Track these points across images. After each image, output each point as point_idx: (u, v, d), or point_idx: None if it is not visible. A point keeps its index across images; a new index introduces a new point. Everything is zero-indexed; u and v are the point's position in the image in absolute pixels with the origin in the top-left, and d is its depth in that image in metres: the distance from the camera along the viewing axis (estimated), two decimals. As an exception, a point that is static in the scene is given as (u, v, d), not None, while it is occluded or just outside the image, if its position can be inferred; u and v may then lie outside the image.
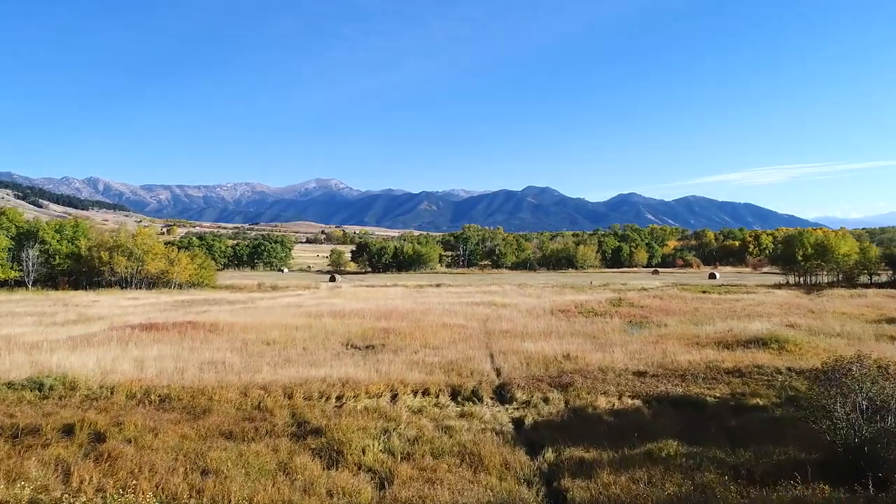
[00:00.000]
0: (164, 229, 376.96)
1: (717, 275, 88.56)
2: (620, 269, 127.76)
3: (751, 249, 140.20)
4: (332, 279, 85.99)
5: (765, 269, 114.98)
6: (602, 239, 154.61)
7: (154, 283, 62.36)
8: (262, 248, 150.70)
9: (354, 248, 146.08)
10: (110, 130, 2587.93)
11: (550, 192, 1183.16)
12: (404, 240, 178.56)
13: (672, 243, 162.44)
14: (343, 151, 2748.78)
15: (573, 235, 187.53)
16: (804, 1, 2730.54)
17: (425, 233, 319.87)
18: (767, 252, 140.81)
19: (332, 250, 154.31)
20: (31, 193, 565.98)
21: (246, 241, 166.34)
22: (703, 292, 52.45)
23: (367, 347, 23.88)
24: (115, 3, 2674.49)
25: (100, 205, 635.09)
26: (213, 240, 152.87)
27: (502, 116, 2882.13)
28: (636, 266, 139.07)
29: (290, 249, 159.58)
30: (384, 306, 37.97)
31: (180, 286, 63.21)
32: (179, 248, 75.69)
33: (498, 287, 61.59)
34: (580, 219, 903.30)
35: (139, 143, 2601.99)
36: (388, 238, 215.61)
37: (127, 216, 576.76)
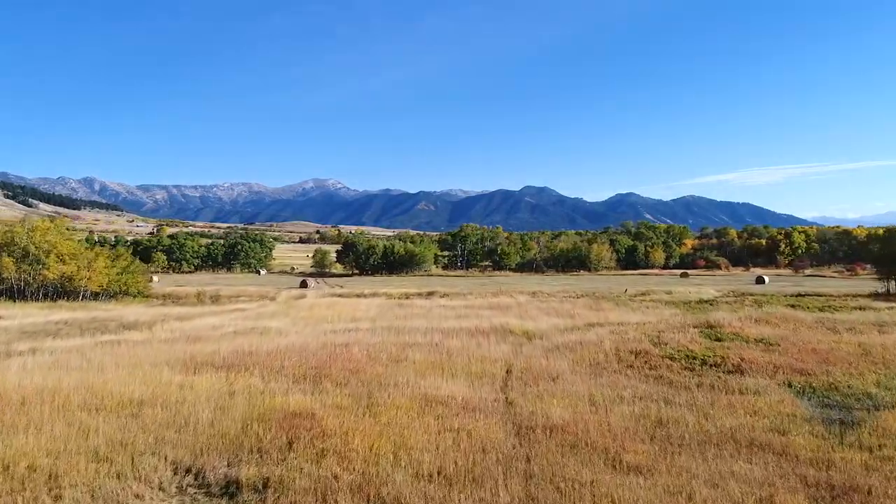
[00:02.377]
0: (155, 229, 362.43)
1: (766, 279, 74.14)
2: (640, 272, 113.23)
3: (782, 249, 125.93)
4: (303, 285, 71.37)
5: (808, 272, 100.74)
6: (614, 238, 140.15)
7: (60, 291, 47.64)
8: (240, 247, 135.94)
9: (340, 248, 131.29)
10: (107, 130, 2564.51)
11: (548, 191, 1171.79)
12: (399, 239, 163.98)
13: (690, 242, 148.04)
14: (341, 151, 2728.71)
15: (577, 234, 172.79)
16: (800, 2, 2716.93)
17: (422, 232, 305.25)
18: (800, 251, 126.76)
19: (315, 250, 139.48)
20: (22, 193, 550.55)
21: (222, 240, 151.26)
22: (792, 306, 38.04)
23: None
24: (112, 2, 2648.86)
25: (93, 204, 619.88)
26: (185, 239, 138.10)
27: (500, 116, 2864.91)
28: (653, 267, 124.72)
29: (270, 249, 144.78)
30: (335, 339, 23.43)
31: (95, 296, 48.53)
32: (112, 248, 61.19)
33: (508, 298, 47.04)
34: (578, 218, 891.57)
35: (136, 143, 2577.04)
36: (384, 238, 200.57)
37: (119, 216, 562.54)
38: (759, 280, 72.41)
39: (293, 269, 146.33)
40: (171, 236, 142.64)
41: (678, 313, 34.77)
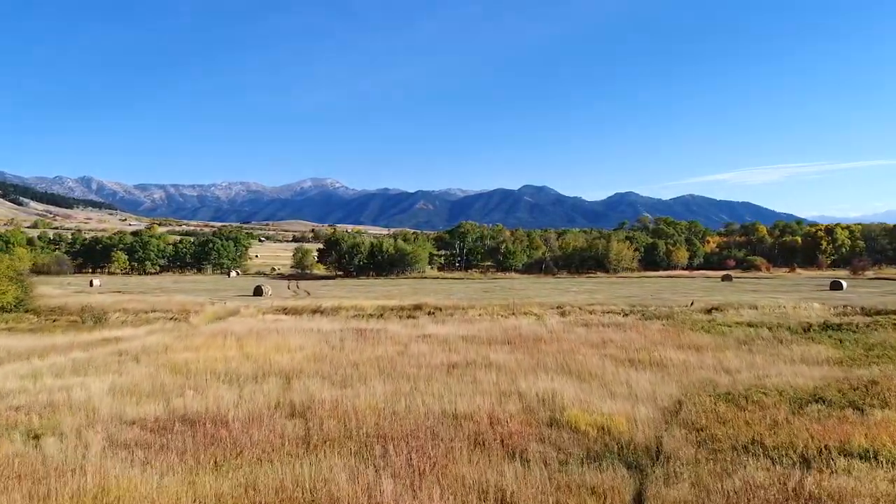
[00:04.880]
0: (145, 228, 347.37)
1: (843, 283, 59.12)
2: (667, 273, 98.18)
3: (824, 247, 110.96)
4: (257, 292, 56.19)
5: (868, 273, 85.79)
6: (631, 235, 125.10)
7: None
8: (211, 246, 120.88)
9: (322, 246, 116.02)
10: (105, 130, 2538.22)
11: (547, 190, 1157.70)
12: (392, 236, 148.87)
13: (714, 239, 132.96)
14: (339, 151, 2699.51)
15: (583, 232, 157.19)
16: (799, 1, 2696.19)
17: (418, 231, 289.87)
18: (844, 250, 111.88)
19: (296, 249, 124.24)
20: (14, 191, 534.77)
21: (192, 239, 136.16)
22: None
23: None
24: (111, 2, 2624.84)
25: (86, 203, 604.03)
26: (149, 237, 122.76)
27: (499, 115, 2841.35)
28: (675, 267, 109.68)
29: (245, 248, 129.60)
30: None
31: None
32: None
33: (530, 317, 31.98)
34: (578, 217, 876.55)
35: (134, 143, 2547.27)
36: (381, 237, 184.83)
37: (112, 214, 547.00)
38: (836, 285, 57.42)
39: (273, 269, 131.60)
40: (134, 233, 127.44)
41: (841, 357, 19.74)
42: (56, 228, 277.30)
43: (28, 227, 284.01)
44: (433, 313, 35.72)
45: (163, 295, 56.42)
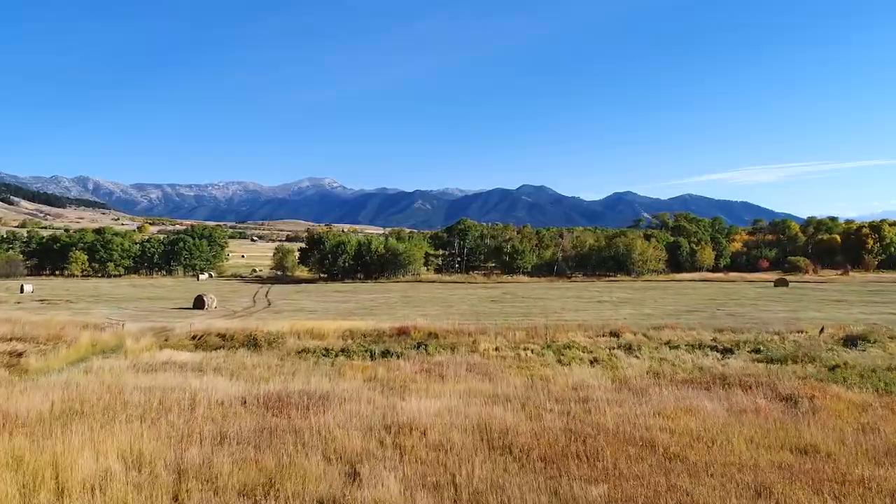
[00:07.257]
0: (136, 227, 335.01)
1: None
2: (699, 276, 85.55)
3: (870, 246, 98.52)
4: (198, 303, 43.35)
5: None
6: (650, 233, 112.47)
7: None
8: (182, 245, 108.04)
9: (304, 246, 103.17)
10: (103, 130, 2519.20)
11: (546, 190, 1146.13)
12: (386, 236, 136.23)
13: (741, 237, 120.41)
14: (337, 150, 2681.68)
15: (589, 231, 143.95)
16: (798, 1, 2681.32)
17: (415, 230, 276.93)
18: (893, 249, 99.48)
19: (276, 249, 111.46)
20: (6, 190, 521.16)
21: (161, 237, 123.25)
22: None
23: None
24: (110, 2, 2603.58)
25: (79, 202, 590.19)
26: (112, 235, 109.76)
27: (498, 115, 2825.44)
28: (701, 269, 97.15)
29: (221, 248, 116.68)
30: None
31: None
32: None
33: (582, 362, 19.35)
34: (576, 217, 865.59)
35: (132, 143, 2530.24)
36: (368, 236, 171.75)
37: (104, 214, 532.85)
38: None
39: (254, 271, 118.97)
40: (96, 231, 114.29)
41: None
42: (45, 227, 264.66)
43: (16, 227, 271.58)
44: (424, 344, 23.14)
45: (82, 307, 43.91)
